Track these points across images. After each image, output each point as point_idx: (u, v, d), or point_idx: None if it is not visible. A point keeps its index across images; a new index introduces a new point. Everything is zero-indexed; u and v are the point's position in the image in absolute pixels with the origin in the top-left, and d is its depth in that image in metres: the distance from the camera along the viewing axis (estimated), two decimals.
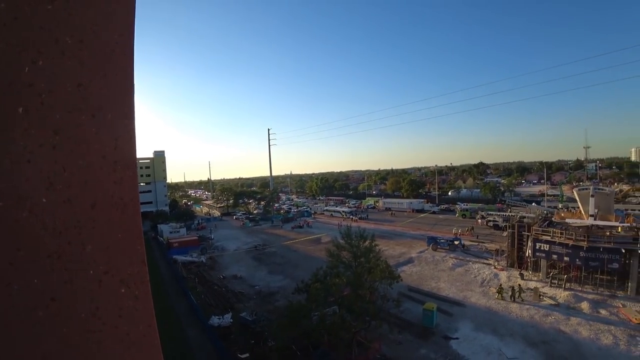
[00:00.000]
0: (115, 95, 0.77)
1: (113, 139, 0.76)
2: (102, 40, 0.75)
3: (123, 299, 0.76)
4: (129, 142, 0.79)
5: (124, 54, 0.78)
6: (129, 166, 0.78)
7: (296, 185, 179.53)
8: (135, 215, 0.79)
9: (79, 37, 0.72)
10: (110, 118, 0.75)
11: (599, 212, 31.80)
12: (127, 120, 0.78)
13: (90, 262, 0.71)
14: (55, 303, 0.66)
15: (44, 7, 0.69)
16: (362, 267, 21.09)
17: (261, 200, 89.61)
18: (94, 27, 0.74)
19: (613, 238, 27.42)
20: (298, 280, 22.18)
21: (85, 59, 0.73)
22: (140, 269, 0.79)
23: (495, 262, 35.15)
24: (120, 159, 0.76)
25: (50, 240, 0.66)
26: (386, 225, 62.37)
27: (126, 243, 0.76)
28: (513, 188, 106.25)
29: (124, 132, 0.78)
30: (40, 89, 0.68)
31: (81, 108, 0.71)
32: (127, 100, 0.79)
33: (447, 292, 28.79)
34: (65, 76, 0.70)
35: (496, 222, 53.13)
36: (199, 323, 24.64)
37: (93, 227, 0.71)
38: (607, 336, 20.62)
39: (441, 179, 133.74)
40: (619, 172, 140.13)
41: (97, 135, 0.73)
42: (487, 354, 19.53)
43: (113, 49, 0.77)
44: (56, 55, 0.70)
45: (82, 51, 0.72)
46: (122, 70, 0.78)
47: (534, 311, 24.26)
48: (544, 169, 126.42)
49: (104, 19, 0.75)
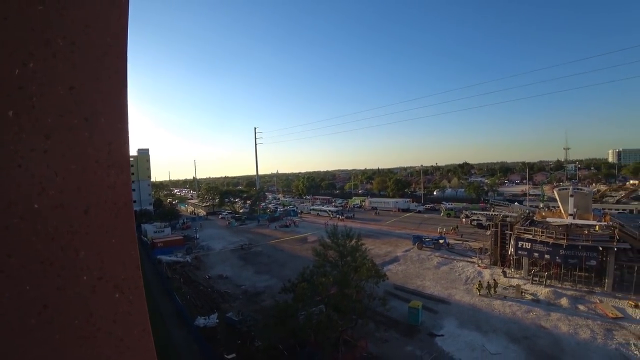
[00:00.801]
0: (109, 99, 0.76)
1: (106, 143, 0.74)
2: (95, 42, 0.74)
3: (117, 304, 0.75)
4: (123, 146, 0.78)
5: (117, 56, 0.77)
6: (122, 170, 0.77)
7: (283, 185, 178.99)
8: (129, 219, 0.78)
9: (71, 39, 0.71)
10: (103, 122, 0.74)
11: (577, 212, 32.74)
12: (120, 124, 0.77)
13: (83, 268, 0.70)
14: (48, 310, 0.65)
15: (35, 8, 0.68)
16: (349, 266, 21.18)
17: (247, 199, 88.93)
18: (86, 28, 0.72)
19: (591, 236, 28.30)
20: (284, 280, 22.12)
21: (77, 61, 0.71)
22: (134, 274, 0.78)
23: (479, 260, 35.83)
24: (113, 163, 0.75)
25: (43, 246, 0.65)
26: (372, 224, 62.79)
27: (120, 248, 0.75)
28: (496, 188, 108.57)
29: (117, 136, 0.76)
30: (31, 92, 0.66)
31: (73, 111, 0.70)
32: (121, 104, 0.78)
33: (432, 290, 29.18)
34: (57, 79, 0.69)
35: (480, 221, 54.09)
36: (185, 324, 24.33)
37: (86, 232, 0.70)
38: (585, 331, 21.29)
39: (426, 179, 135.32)
40: (596, 172, 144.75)
41: (90, 139, 0.72)
42: (471, 350, 19.90)
43: (106, 51, 0.75)
44: (47, 57, 0.68)
45: (74, 53, 0.71)
46: (116, 73, 0.77)
47: (516, 308, 24.83)
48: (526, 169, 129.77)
49: (96, 20, 0.74)
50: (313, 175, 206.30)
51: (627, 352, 18.94)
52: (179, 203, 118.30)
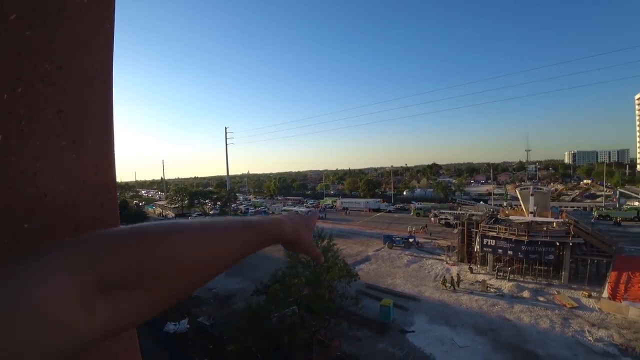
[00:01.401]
0: (95, 121, 0.78)
1: (94, 164, 0.77)
2: (82, 67, 0.76)
3: None
4: (110, 166, 0.81)
5: (104, 79, 0.80)
6: (109, 190, 0.80)
7: (254, 185, 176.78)
8: None
9: (58, 64, 0.73)
10: (90, 144, 0.77)
11: (537, 210, 34.64)
12: (107, 145, 0.80)
13: None
14: None
15: (23, 33, 0.70)
16: (321, 267, 21.29)
17: (218, 200, 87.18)
18: (73, 53, 0.75)
19: (549, 232, 30.05)
20: (257, 282, 21.93)
21: (64, 86, 0.74)
22: None
23: (447, 257, 37.06)
24: (101, 183, 0.78)
25: None
26: (344, 224, 63.36)
27: None
28: (463, 187, 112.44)
29: (104, 157, 0.80)
30: (19, 116, 0.68)
31: (61, 134, 0.73)
32: (107, 125, 0.81)
33: (402, 288, 29.89)
34: (45, 103, 0.71)
35: (448, 220, 55.74)
36: (153, 331, 23.56)
37: None
38: (545, 320, 22.65)
39: (396, 179, 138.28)
40: (554, 173, 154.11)
41: (78, 161, 0.75)
42: (441, 344, 20.59)
43: (92, 75, 0.78)
44: (35, 82, 0.70)
45: (61, 78, 0.73)
46: (102, 96, 0.80)
47: (482, 302, 25.94)
48: (490, 169, 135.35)
49: (83, 45, 0.77)
50: (284, 175, 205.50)
51: (582, 338, 20.36)
52: (146, 205, 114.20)
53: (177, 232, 0.50)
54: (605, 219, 54.41)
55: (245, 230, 0.62)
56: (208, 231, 0.55)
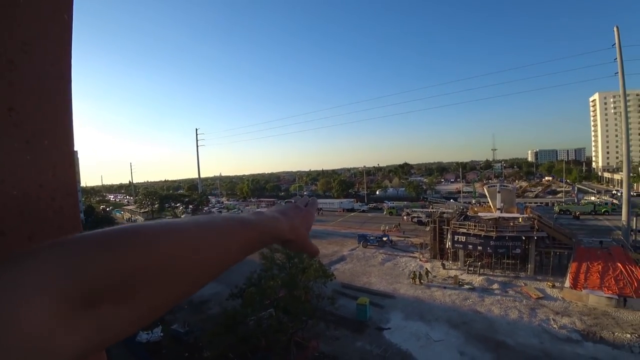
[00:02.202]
0: (52, 119, 0.72)
1: (51, 166, 0.71)
2: (35, 60, 0.70)
3: None
4: (69, 168, 0.74)
5: (61, 75, 0.74)
6: (69, 194, 0.74)
7: (226, 188, 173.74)
8: None
9: (8, 57, 0.67)
10: (46, 144, 0.70)
11: (504, 206, 36.14)
12: (65, 145, 0.74)
13: None
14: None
15: None
16: (296, 268, 21.22)
17: (189, 203, 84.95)
18: (25, 46, 0.69)
19: (515, 227, 31.43)
20: (232, 286, 21.54)
21: (15, 81, 0.67)
22: None
23: (420, 254, 37.90)
24: (59, 186, 0.72)
25: None
26: (318, 225, 63.34)
27: None
28: (434, 186, 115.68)
29: (62, 158, 0.73)
30: None
31: (13, 134, 0.66)
32: (65, 124, 0.74)
33: (378, 286, 30.29)
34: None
35: (420, 218, 56.96)
36: (125, 341, 22.64)
37: None
38: (513, 311, 23.68)
39: (369, 179, 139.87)
40: (519, 170, 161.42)
41: (33, 163, 0.68)
42: (417, 339, 21.04)
43: (48, 70, 0.72)
44: None
45: (11, 72, 0.67)
46: (59, 93, 0.74)
47: (455, 296, 26.71)
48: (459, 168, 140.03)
49: (36, 37, 0.70)
50: (257, 177, 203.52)
51: (548, 326, 21.49)
52: (113, 210, 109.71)
53: (169, 233, 0.45)
54: (565, 214, 57.56)
55: (245, 231, 0.57)
56: (204, 232, 0.50)
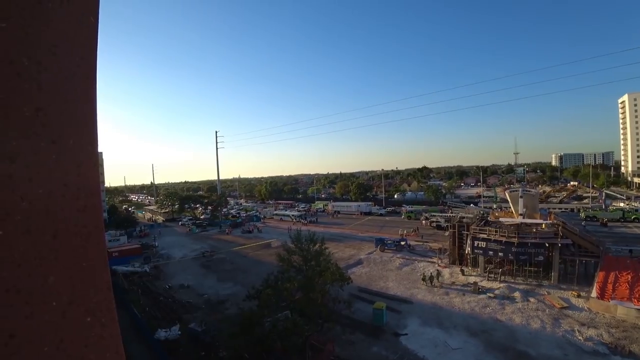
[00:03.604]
0: (77, 120, 0.74)
1: (75, 166, 0.73)
2: (62, 62, 0.72)
3: (89, 328, 0.73)
4: (93, 168, 0.76)
5: (87, 76, 0.76)
6: (93, 193, 0.75)
7: (245, 190, 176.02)
8: (100, 242, 0.76)
9: (37, 59, 0.69)
10: (72, 144, 0.72)
11: (527, 211, 35.11)
12: (90, 146, 0.76)
13: (53, 294, 0.68)
14: (16, 340, 0.62)
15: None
16: (313, 271, 21.22)
17: (208, 205, 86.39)
18: (53, 48, 0.71)
19: (538, 234, 30.46)
20: (249, 287, 21.73)
21: (43, 82, 0.69)
22: (106, 297, 0.76)
23: (439, 260, 37.27)
24: (83, 186, 0.74)
25: (8, 274, 0.63)
26: (335, 228, 63.31)
27: (91, 271, 0.74)
28: (453, 190, 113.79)
29: (86, 158, 0.75)
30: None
31: (40, 134, 0.68)
32: (90, 125, 0.76)
33: (395, 291, 29.91)
34: (22, 100, 0.67)
35: (439, 223, 56.21)
36: (144, 337, 23.14)
37: (55, 257, 0.68)
38: (536, 321, 22.86)
39: (387, 183, 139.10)
40: (542, 175, 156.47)
41: (58, 162, 0.70)
42: (434, 347, 20.62)
43: (74, 72, 0.74)
44: (12, 78, 0.66)
45: (40, 73, 0.69)
46: (84, 94, 0.75)
47: (474, 304, 26.07)
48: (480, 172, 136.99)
49: (64, 39, 0.72)
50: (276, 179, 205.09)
51: (573, 338, 20.59)
52: (135, 210, 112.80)
53: None
54: (592, 220, 55.40)
55: None
56: None
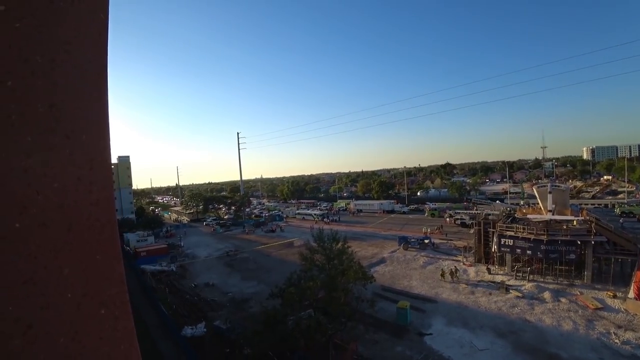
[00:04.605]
0: (90, 115, 0.75)
1: (88, 160, 0.74)
2: (75, 59, 0.73)
3: (103, 320, 0.74)
4: (105, 162, 0.77)
5: (98, 72, 0.77)
6: (105, 187, 0.77)
7: (267, 189, 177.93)
8: (113, 236, 0.78)
9: (50, 57, 0.70)
10: (84, 139, 0.74)
11: (556, 208, 33.76)
12: (102, 141, 0.77)
13: (68, 286, 0.69)
14: (33, 330, 0.64)
15: (12, 25, 0.67)
16: (336, 270, 21.19)
17: (232, 205, 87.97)
18: (65, 45, 0.72)
19: (570, 231, 29.21)
20: (272, 285, 21.95)
21: (57, 79, 0.71)
22: (119, 289, 0.78)
23: (464, 258, 36.45)
24: (96, 180, 0.75)
25: (25, 266, 0.64)
26: (358, 226, 63.04)
27: (105, 264, 0.75)
28: (478, 187, 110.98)
29: (99, 153, 0.76)
30: (9, 111, 0.65)
31: (54, 129, 0.70)
32: (102, 120, 0.77)
33: (419, 290, 29.49)
34: (37, 97, 0.68)
35: (463, 220, 55.05)
36: (171, 334, 23.82)
37: (70, 250, 0.70)
38: (567, 322, 21.95)
39: (410, 180, 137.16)
40: (572, 169, 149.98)
41: (72, 157, 0.71)
42: (460, 347, 20.19)
43: (86, 68, 0.75)
44: (26, 75, 0.68)
45: (53, 71, 0.71)
46: (96, 89, 0.77)
47: (502, 303, 25.34)
48: (506, 168, 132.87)
49: (76, 37, 0.74)
50: (297, 179, 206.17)
51: (608, 341, 19.62)
52: (162, 211, 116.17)
53: None
54: (628, 216, 52.70)
55: None
56: None
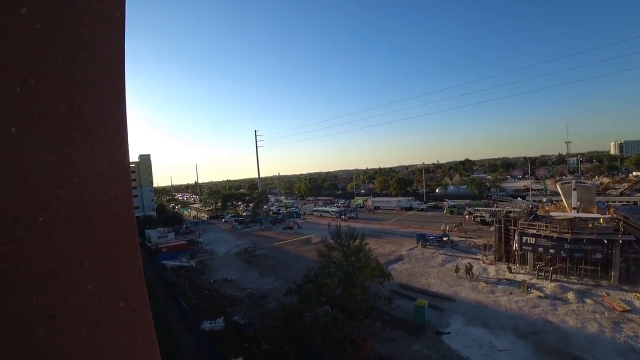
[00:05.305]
0: (108, 112, 0.77)
1: (107, 156, 0.76)
2: (93, 57, 0.75)
3: (122, 312, 0.77)
4: (123, 158, 0.80)
5: (116, 70, 0.79)
6: (124, 182, 0.79)
7: (285, 187, 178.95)
8: (131, 230, 0.80)
9: (70, 56, 0.73)
10: (103, 135, 0.76)
11: (581, 205, 32.64)
12: (120, 136, 0.79)
13: (88, 278, 0.72)
14: (55, 320, 0.67)
15: (34, 26, 0.69)
16: (353, 266, 21.15)
17: (250, 202, 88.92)
18: (84, 44, 0.74)
19: (595, 229, 28.18)
20: (289, 282, 22.11)
21: (77, 77, 0.73)
22: (137, 282, 0.80)
23: (484, 256, 35.74)
24: (115, 175, 0.77)
25: (48, 258, 0.67)
26: (375, 223, 62.70)
27: (123, 258, 0.77)
28: (498, 183, 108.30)
29: (117, 148, 0.78)
30: (32, 109, 0.68)
31: (74, 126, 0.72)
32: (120, 116, 0.80)
33: (437, 288, 29.12)
34: (58, 95, 0.71)
35: (483, 218, 53.97)
36: (191, 328, 24.37)
37: (90, 243, 0.72)
38: (593, 324, 21.20)
39: (428, 177, 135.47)
40: (599, 165, 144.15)
41: (91, 152, 0.74)
42: (479, 347, 19.84)
43: (104, 66, 0.77)
44: (47, 74, 0.70)
45: (73, 69, 0.73)
46: (114, 87, 0.79)
47: (523, 303, 24.74)
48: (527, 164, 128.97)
49: (94, 36, 0.76)
50: (315, 176, 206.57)
51: (636, 345, 18.86)
52: (181, 208, 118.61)
53: None
54: None
55: None
56: None
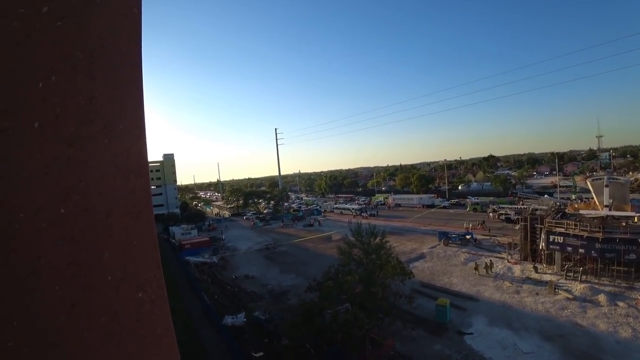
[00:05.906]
0: (126, 106, 0.79)
1: (125, 149, 0.78)
2: (111, 53, 0.77)
3: (140, 303, 0.78)
4: (141, 151, 0.81)
5: (133, 65, 0.81)
6: (141, 175, 0.81)
7: (305, 184, 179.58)
8: (149, 222, 0.81)
9: (89, 52, 0.75)
10: (121, 128, 0.78)
11: (614, 203, 31.19)
12: (137, 130, 0.81)
13: (107, 269, 0.74)
14: (76, 309, 0.69)
15: (55, 24, 0.72)
16: (374, 264, 21.07)
17: (271, 199, 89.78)
18: (102, 41, 0.76)
19: (629, 228, 26.87)
20: (310, 279, 22.23)
21: (95, 73, 0.75)
22: (155, 274, 0.81)
23: (509, 255, 34.76)
24: (132, 168, 0.79)
25: (69, 249, 0.69)
26: (396, 221, 62.08)
27: (141, 249, 0.79)
28: (524, 180, 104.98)
29: (135, 142, 0.80)
30: (54, 103, 0.70)
31: (93, 120, 0.74)
32: (137, 110, 0.81)
33: (460, 287, 28.59)
34: (77, 90, 0.73)
35: (508, 215, 52.54)
36: (213, 323, 24.92)
37: (109, 235, 0.74)
38: (625, 329, 20.26)
39: (451, 173, 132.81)
40: (633, 160, 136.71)
41: (110, 146, 0.76)
42: (502, 349, 19.35)
43: (122, 61, 0.79)
44: (68, 70, 0.72)
45: (92, 65, 0.75)
46: (131, 81, 0.81)
47: (549, 305, 23.93)
48: (555, 160, 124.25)
49: (112, 32, 0.78)
50: (335, 173, 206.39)
51: None
52: (204, 205, 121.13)
53: None
54: None
55: None
56: None
